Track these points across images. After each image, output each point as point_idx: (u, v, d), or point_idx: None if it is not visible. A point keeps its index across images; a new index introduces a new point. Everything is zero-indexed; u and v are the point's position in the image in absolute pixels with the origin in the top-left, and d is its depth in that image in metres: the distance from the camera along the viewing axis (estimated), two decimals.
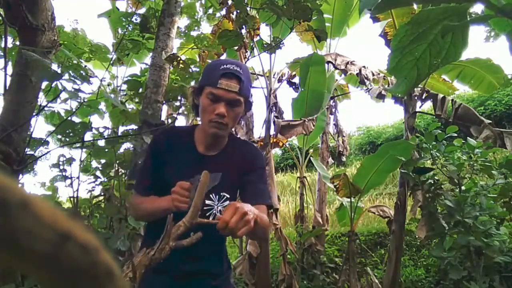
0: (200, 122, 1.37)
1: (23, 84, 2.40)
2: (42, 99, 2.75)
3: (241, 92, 1.26)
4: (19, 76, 2.41)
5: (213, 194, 1.32)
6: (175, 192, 1.12)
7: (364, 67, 4.70)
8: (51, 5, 2.56)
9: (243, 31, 3.52)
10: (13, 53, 3.16)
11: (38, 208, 0.24)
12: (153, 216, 1.30)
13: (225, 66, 1.25)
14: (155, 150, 1.37)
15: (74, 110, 3.21)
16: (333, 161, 6.69)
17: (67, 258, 0.24)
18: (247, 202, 1.22)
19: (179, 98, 3.21)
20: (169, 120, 4.36)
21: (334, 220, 6.27)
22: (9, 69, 2.67)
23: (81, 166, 3.05)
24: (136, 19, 3.73)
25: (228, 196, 1.34)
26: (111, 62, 4.22)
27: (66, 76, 2.38)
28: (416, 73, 0.96)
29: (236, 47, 3.84)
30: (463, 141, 3.49)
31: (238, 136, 5.27)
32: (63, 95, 2.83)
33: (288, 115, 5.23)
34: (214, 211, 1.33)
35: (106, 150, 2.97)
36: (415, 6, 3.61)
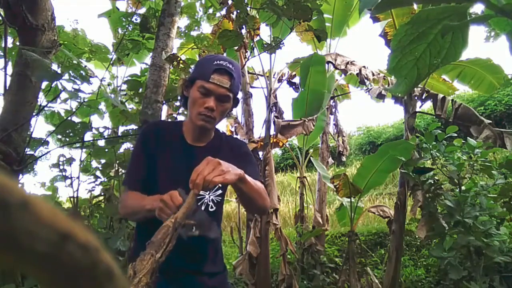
0: (188, 116, 1.39)
1: (23, 84, 2.40)
2: (42, 99, 2.75)
3: (232, 88, 1.31)
4: (19, 76, 2.41)
5: None
6: (164, 202, 1.06)
7: (364, 67, 4.70)
8: (51, 5, 2.56)
9: (243, 31, 3.51)
10: (13, 53, 3.16)
11: (38, 208, 0.24)
12: (137, 214, 1.25)
13: (218, 62, 1.29)
14: (146, 142, 1.37)
15: (74, 110, 3.21)
16: (333, 161, 6.69)
17: (67, 258, 0.24)
18: None
19: (179, 98, 3.21)
20: (169, 120, 4.36)
21: (334, 220, 6.27)
22: (9, 69, 2.68)
23: (81, 166, 3.06)
24: (136, 19, 3.73)
25: (220, 185, 1.35)
26: (111, 62, 4.22)
27: (66, 76, 2.38)
28: (416, 73, 0.96)
29: (236, 47, 3.84)
30: (463, 141, 3.49)
31: (238, 136, 5.29)
32: (63, 95, 2.84)
33: (288, 115, 5.24)
34: (206, 200, 1.35)
35: (106, 150, 2.97)
36: (415, 6, 3.61)
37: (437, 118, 4.32)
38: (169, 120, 4.32)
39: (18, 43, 2.79)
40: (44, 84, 2.65)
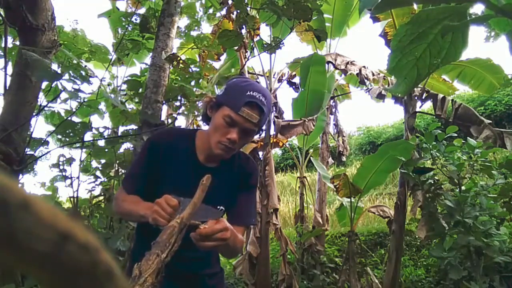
0: (206, 133, 1.31)
1: (23, 84, 2.40)
2: (42, 99, 2.75)
3: (259, 123, 1.23)
4: (19, 76, 2.41)
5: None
6: (159, 205, 1.04)
7: (364, 67, 4.70)
8: (51, 5, 2.56)
9: (243, 31, 3.52)
10: (13, 53, 3.16)
11: (38, 208, 0.24)
12: (130, 217, 1.27)
13: (251, 93, 1.20)
14: (153, 150, 1.30)
15: (74, 110, 3.21)
16: (333, 161, 6.69)
17: (67, 258, 0.24)
18: (232, 220, 1.29)
19: (179, 98, 3.21)
20: (169, 120, 4.36)
21: (334, 220, 6.27)
22: (9, 69, 2.68)
23: (81, 166, 3.06)
24: (136, 19, 3.73)
25: (224, 209, 1.33)
26: (111, 62, 4.22)
27: (66, 76, 2.39)
28: (416, 73, 0.96)
29: (236, 47, 3.84)
30: (463, 141, 3.49)
31: None
32: (63, 95, 2.83)
33: (288, 115, 5.24)
34: None
35: (106, 150, 2.97)
36: (415, 6, 3.61)
37: (437, 118, 4.32)
38: (172, 122, 4.31)
39: (18, 43, 2.79)
40: (44, 84, 2.65)
